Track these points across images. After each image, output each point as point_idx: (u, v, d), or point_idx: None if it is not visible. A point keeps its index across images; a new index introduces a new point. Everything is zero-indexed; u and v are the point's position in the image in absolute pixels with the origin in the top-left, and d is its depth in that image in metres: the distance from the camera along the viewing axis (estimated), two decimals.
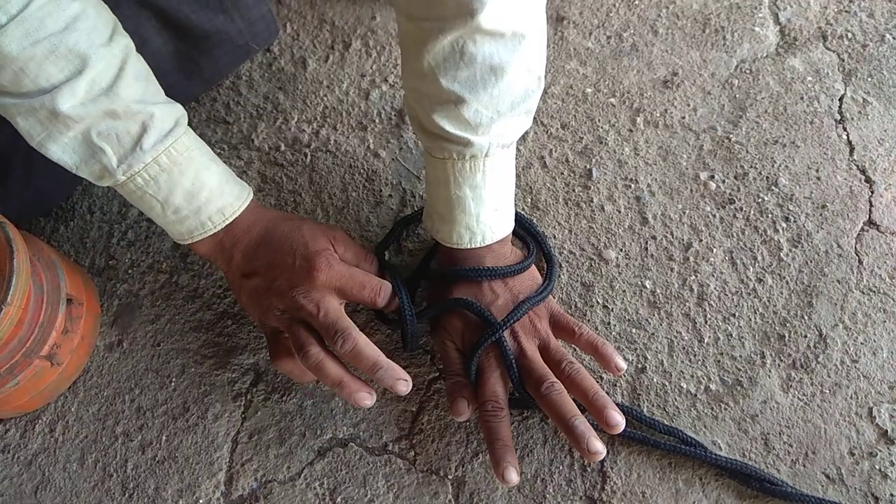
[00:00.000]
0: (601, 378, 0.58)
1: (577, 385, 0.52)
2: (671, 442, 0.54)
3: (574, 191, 0.66)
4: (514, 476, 0.50)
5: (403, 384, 0.50)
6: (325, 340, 0.52)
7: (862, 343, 0.57)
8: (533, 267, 0.59)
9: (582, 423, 0.49)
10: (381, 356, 0.50)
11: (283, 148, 0.71)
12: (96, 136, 0.49)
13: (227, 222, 0.55)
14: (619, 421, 0.50)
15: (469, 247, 0.56)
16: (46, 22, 0.45)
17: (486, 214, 0.55)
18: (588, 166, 0.67)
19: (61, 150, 0.49)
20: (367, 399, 0.51)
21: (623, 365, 0.53)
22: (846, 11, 0.73)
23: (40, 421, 0.61)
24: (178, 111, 0.53)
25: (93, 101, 0.48)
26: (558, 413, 0.50)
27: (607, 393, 0.55)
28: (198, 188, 0.53)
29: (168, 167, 0.51)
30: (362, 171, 0.69)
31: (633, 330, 0.59)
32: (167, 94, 0.54)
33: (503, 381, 0.54)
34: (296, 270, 0.53)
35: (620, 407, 0.52)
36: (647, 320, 0.60)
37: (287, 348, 0.54)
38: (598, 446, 0.49)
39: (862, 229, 0.62)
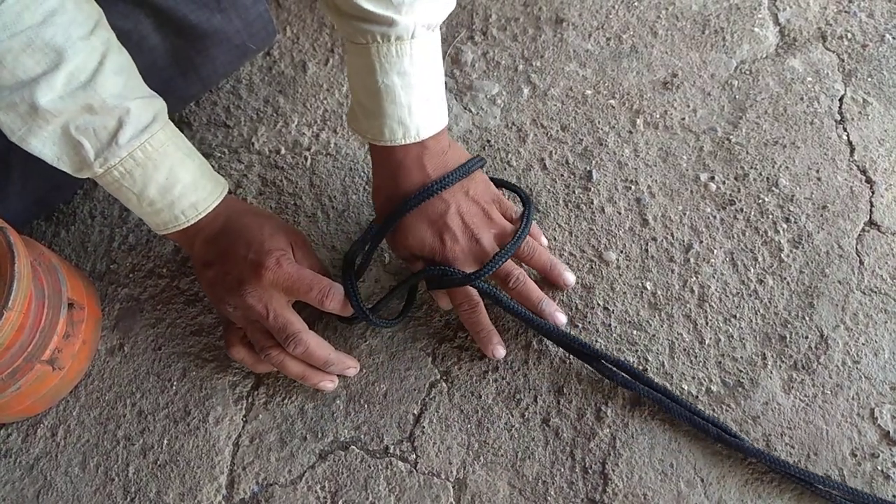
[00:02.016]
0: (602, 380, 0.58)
1: (535, 261, 0.60)
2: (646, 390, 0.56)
3: (574, 192, 0.66)
4: (501, 351, 0.58)
5: (352, 370, 0.59)
6: (279, 342, 0.56)
7: (863, 344, 0.57)
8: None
9: (549, 304, 0.58)
10: (330, 353, 0.57)
11: (283, 151, 0.71)
12: (74, 131, 0.49)
13: (200, 217, 0.56)
14: (571, 280, 0.61)
15: (403, 142, 0.55)
16: (23, 15, 0.46)
17: (418, 105, 0.54)
18: (588, 168, 0.67)
19: (41, 144, 0.50)
20: (330, 384, 0.58)
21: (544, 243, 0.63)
22: (846, 12, 0.73)
23: (42, 425, 0.61)
24: (156, 106, 0.53)
25: (70, 96, 0.48)
26: (528, 299, 0.58)
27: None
28: (171, 183, 0.54)
29: (143, 162, 0.52)
30: (362, 174, 0.69)
31: (634, 332, 0.59)
32: (164, 94, 0.55)
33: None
34: (246, 266, 0.55)
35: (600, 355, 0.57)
36: (647, 322, 0.60)
37: (241, 337, 0.58)
38: (563, 318, 0.59)
39: (863, 230, 0.62)
